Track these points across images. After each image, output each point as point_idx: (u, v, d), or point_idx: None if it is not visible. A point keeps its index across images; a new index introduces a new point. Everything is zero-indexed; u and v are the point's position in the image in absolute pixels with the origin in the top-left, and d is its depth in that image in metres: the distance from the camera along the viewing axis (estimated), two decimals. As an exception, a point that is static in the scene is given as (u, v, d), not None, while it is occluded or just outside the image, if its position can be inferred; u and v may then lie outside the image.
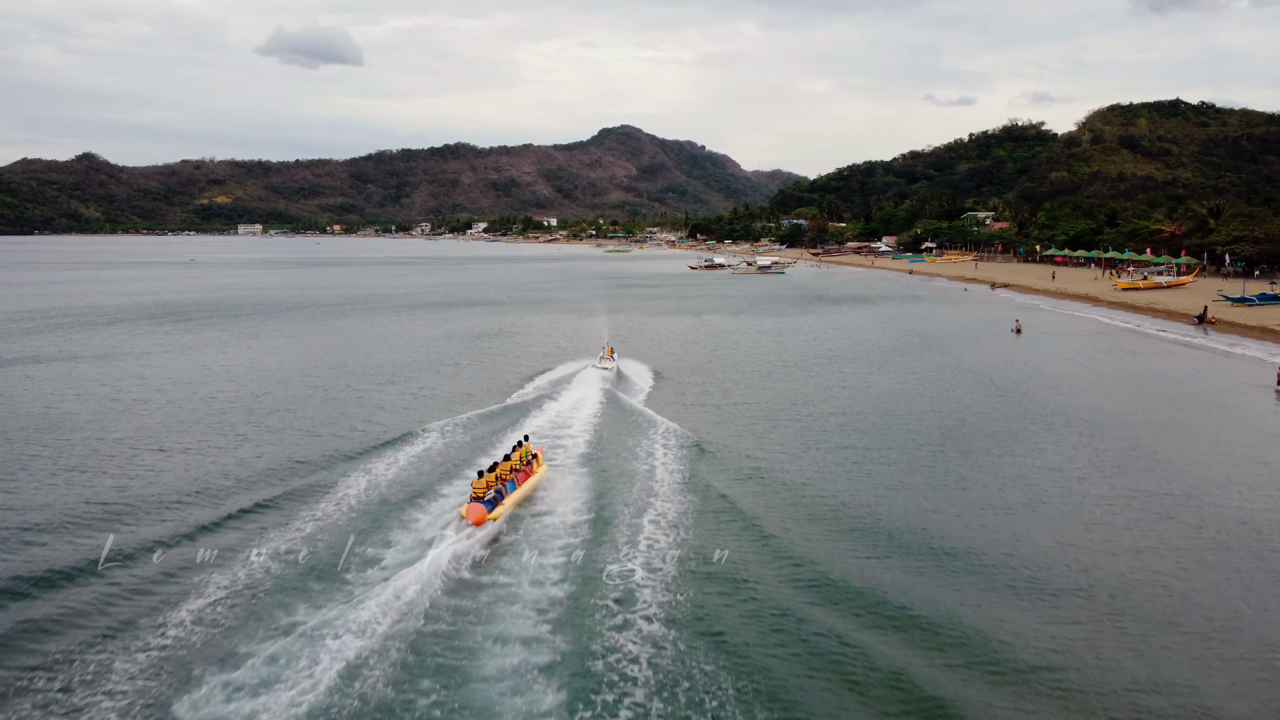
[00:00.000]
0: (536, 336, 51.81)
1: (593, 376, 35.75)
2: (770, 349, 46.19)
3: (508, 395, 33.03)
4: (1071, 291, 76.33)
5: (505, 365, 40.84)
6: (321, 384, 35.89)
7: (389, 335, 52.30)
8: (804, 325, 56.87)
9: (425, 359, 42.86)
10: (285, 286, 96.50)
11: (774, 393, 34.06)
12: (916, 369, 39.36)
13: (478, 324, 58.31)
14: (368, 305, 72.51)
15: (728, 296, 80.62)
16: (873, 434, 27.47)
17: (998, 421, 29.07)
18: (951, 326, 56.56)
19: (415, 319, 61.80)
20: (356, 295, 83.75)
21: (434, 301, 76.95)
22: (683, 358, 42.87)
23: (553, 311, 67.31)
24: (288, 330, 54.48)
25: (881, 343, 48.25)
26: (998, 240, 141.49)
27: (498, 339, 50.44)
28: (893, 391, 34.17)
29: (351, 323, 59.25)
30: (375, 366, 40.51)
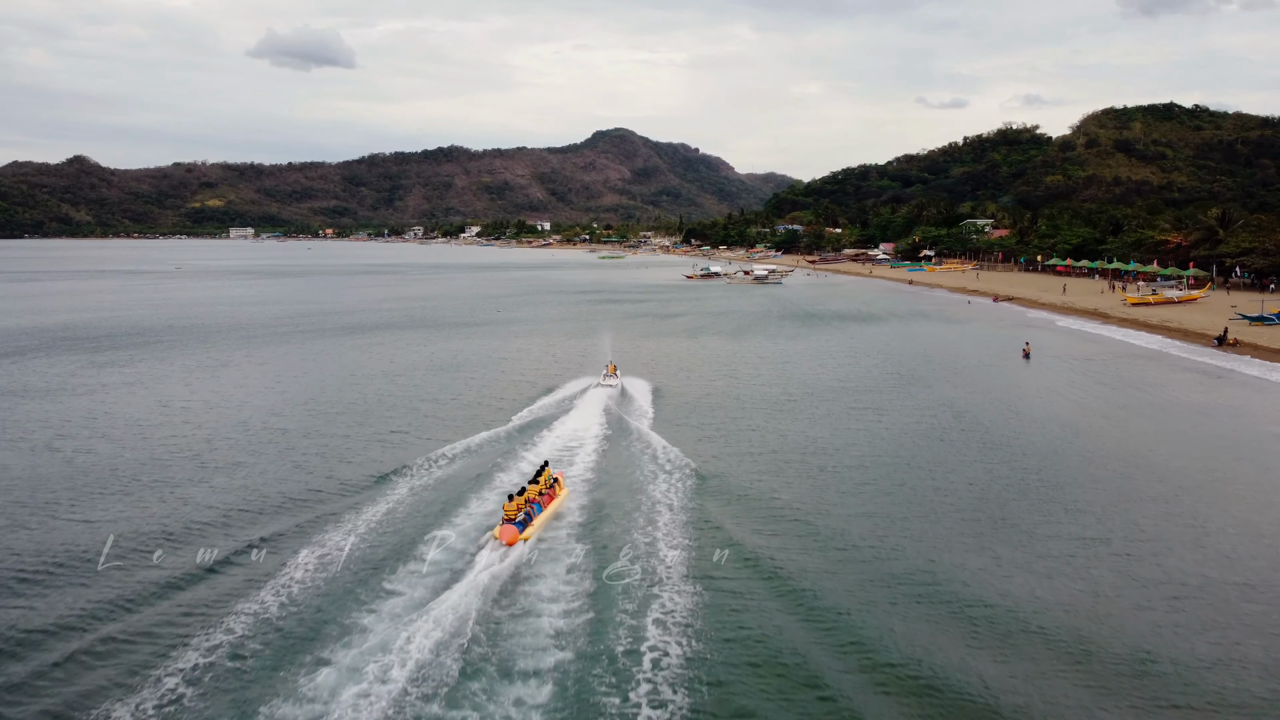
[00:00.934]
0: (539, 356, 50.93)
1: (598, 396, 36.57)
2: (773, 378, 43.07)
3: (513, 414, 33.95)
4: (1079, 306, 73.65)
5: (507, 386, 40.99)
6: (322, 411, 35.35)
7: (369, 361, 49.53)
8: (807, 349, 53.58)
9: (412, 386, 40.93)
10: (266, 301, 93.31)
11: (780, 432, 31.29)
12: (925, 403, 36.55)
13: (461, 346, 55.51)
14: (345, 326, 69.30)
15: (726, 313, 76.95)
16: (883, 483, 25.20)
17: (1015, 474, 26.27)
18: (958, 349, 53.54)
19: (394, 341, 58.72)
20: (333, 313, 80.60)
21: (399, 323, 73.83)
22: (681, 388, 39.94)
23: (528, 336, 61.33)
24: (259, 356, 51.45)
25: (887, 370, 45.28)
26: (997, 249, 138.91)
27: (483, 365, 47.62)
28: (902, 431, 31.44)
29: (330, 345, 56.18)
30: (370, 393, 39.19)
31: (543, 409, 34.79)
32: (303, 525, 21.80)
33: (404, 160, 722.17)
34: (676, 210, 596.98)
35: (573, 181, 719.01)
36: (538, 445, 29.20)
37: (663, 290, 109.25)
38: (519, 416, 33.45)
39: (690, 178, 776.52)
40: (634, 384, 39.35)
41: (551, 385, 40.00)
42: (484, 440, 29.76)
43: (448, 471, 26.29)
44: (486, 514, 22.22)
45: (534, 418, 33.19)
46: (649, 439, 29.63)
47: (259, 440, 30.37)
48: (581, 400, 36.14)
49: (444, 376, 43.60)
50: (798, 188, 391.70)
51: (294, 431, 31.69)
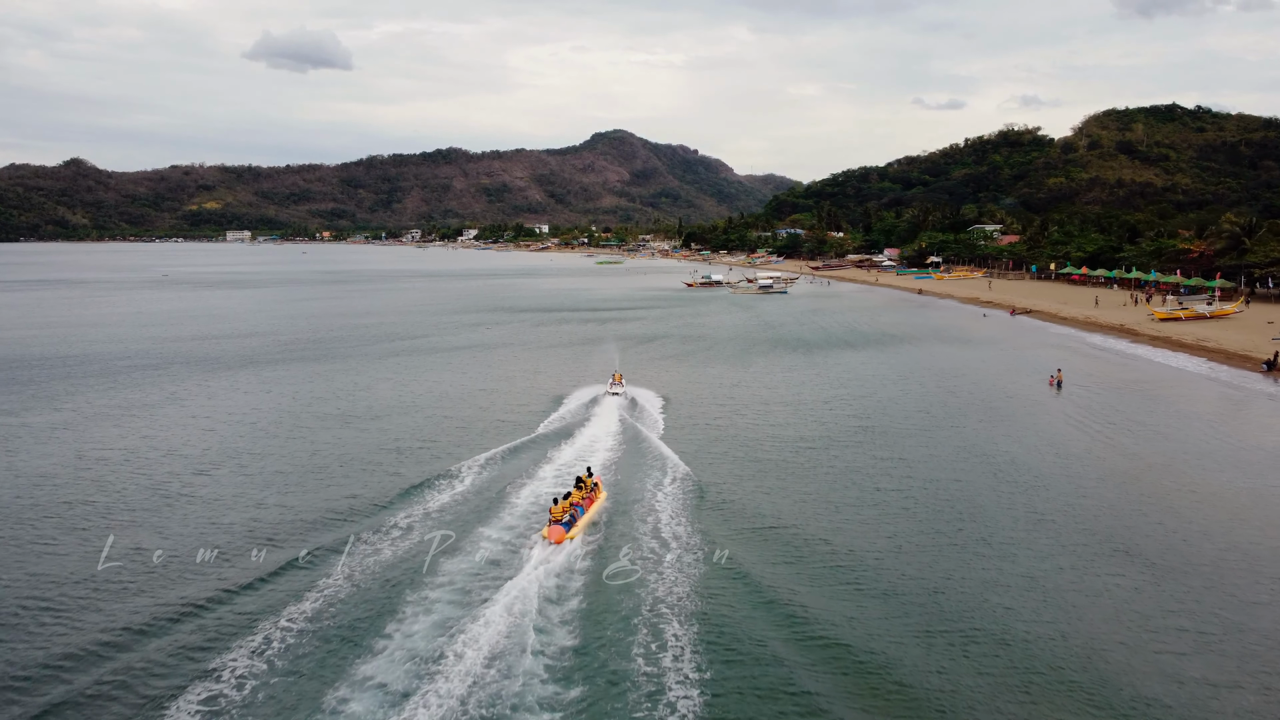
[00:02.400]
0: (547, 370, 48.78)
1: (610, 404, 38.55)
2: (784, 415, 38.79)
3: (537, 425, 35.67)
4: (1103, 322, 69.46)
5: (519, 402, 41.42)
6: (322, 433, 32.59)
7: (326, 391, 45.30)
8: (826, 379, 48.17)
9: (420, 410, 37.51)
10: (244, 316, 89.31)
11: (796, 492, 27.32)
12: (952, 448, 32.58)
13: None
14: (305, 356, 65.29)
15: (732, 339, 67.06)
16: (931, 555, 21.37)
17: (1079, 561, 22.21)
18: (981, 376, 48.96)
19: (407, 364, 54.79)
20: (312, 337, 76.44)
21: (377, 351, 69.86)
22: (684, 428, 35.96)
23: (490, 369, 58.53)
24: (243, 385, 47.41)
25: (909, 405, 40.54)
26: (1007, 255, 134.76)
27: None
28: (929, 484, 27.56)
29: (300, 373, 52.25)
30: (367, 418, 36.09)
31: (560, 419, 36.69)
32: (351, 529, 23.58)
33: (402, 162, 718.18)
34: (675, 212, 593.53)
35: (571, 183, 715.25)
36: (561, 453, 31.11)
37: (657, 302, 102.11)
38: (543, 425, 35.54)
39: (689, 179, 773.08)
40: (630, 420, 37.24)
41: (562, 394, 42.12)
42: (508, 450, 31.52)
43: (481, 479, 28.08)
44: (522, 516, 24.43)
45: (553, 428, 35.09)
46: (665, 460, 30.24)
47: (294, 458, 31.31)
48: (595, 410, 38.00)
49: (449, 396, 42.97)
50: (797, 190, 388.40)
51: (319, 449, 32.57)
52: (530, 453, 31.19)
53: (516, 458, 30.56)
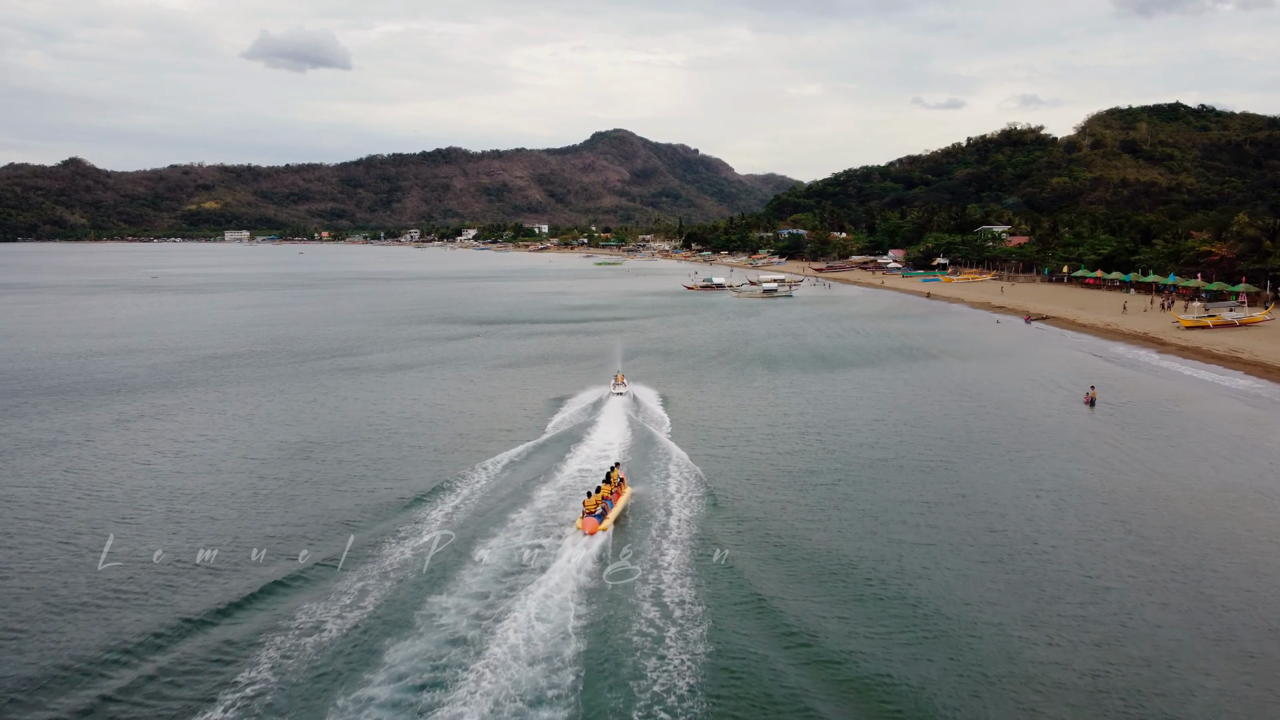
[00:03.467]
0: None
1: (617, 404, 39.61)
2: (799, 443, 35.24)
3: (546, 425, 36.61)
4: (1125, 330, 66.08)
5: None
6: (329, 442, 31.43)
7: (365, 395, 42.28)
8: (836, 399, 42.70)
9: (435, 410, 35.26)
10: (223, 327, 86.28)
11: (812, 544, 24.05)
12: (987, 480, 29.38)
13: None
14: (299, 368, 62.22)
15: (729, 352, 60.98)
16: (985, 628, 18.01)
17: (1131, 611, 19.20)
18: (1006, 393, 44.50)
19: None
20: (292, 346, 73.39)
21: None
22: (697, 457, 32.86)
23: None
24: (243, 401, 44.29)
25: (933, 430, 36.17)
26: (1015, 257, 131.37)
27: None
28: (973, 527, 24.35)
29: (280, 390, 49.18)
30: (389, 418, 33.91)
31: (570, 419, 37.57)
32: (364, 528, 24.35)
33: (402, 162, 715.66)
34: (676, 211, 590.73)
35: (571, 183, 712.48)
36: (573, 452, 32.02)
37: (654, 310, 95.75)
38: (551, 426, 36.47)
39: (689, 179, 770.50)
40: None
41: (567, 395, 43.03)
42: (525, 450, 32.25)
43: (501, 479, 28.70)
44: (545, 510, 25.52)
45: (564, 429, 35.77)
46: None
47: (306, 466, 31.36)
48: (602, 410, 38.97)
49: (456, 399, 42.72)
50: (799, 189, 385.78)
51: (328, 458, 32.39)
52: (545, 454, 31.90)
53: (530, 460, 31.26)
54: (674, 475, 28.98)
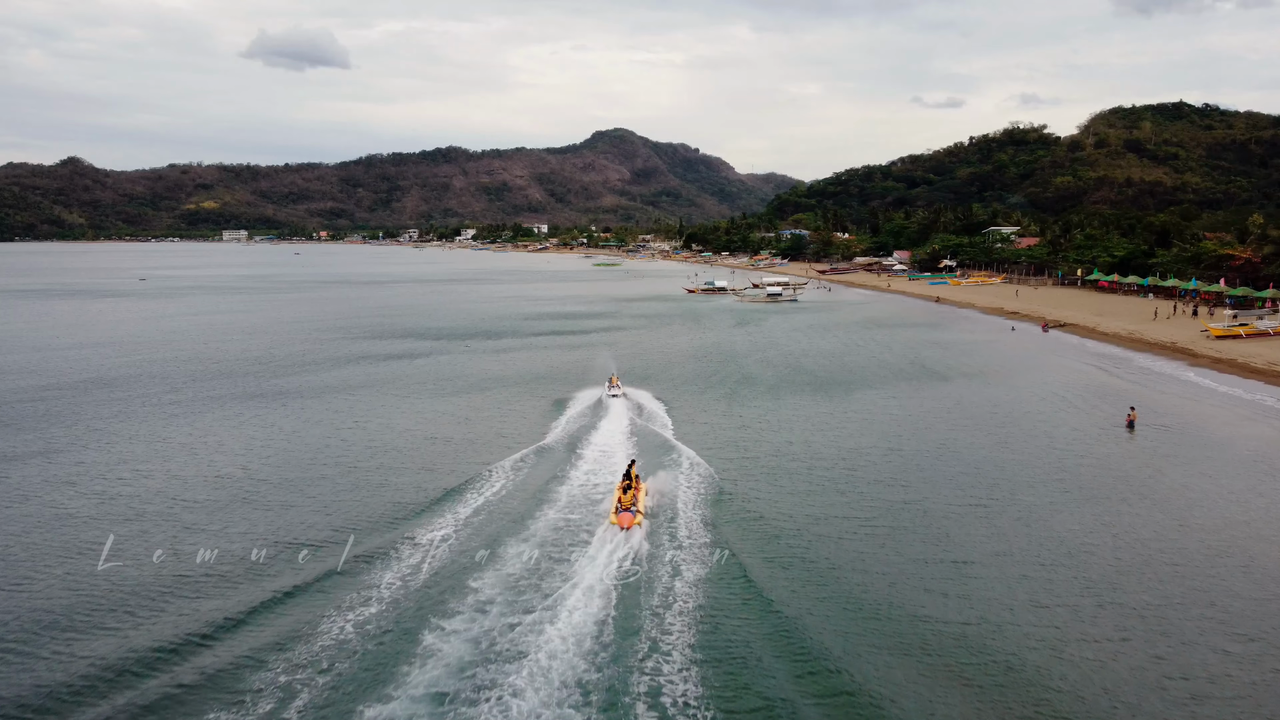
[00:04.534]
0: None
1: (617, 406, 40.28)
2: (804, 482, 31.51)
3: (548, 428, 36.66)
4: (1151, 339, 62.14)
5: None
6: None
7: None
8: (854, 429, 37.63)
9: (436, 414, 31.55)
10: (202, 338, 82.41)
11: (853, 604, 20.44)
12: (1028, 529, 25.71)
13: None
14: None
15: (736, 368, 54.95)
16: None
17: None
18: (1039, 418, 39.95)
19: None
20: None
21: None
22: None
23: None
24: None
25: (959, 466, 31.75)
26: (1025, 259, 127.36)
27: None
28: (1031, 620, 20.65)
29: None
30: None
31: (572, 421, 37.94)
32: (400, 530, 24.01)
33: (401, 161, 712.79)
34: (676, 211, 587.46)
35: (572, 182, 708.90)
36: (583, 450, 32.57)
37: (651, 317, 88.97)
38: (556, 427, 36.77)
39: (690, 178, 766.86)
40: None
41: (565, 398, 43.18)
42: (533, 451, 32.45)
43: (512, 480, 28.80)
44: (571, 508, 25.90)
45: (569, 431, 35.98)
46: None
47: (307, 467, 31.20)
48: (601, 410, 39.86)
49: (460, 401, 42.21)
50: (800, 189, 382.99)
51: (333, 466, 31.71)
52: (549, 458, 31.89)
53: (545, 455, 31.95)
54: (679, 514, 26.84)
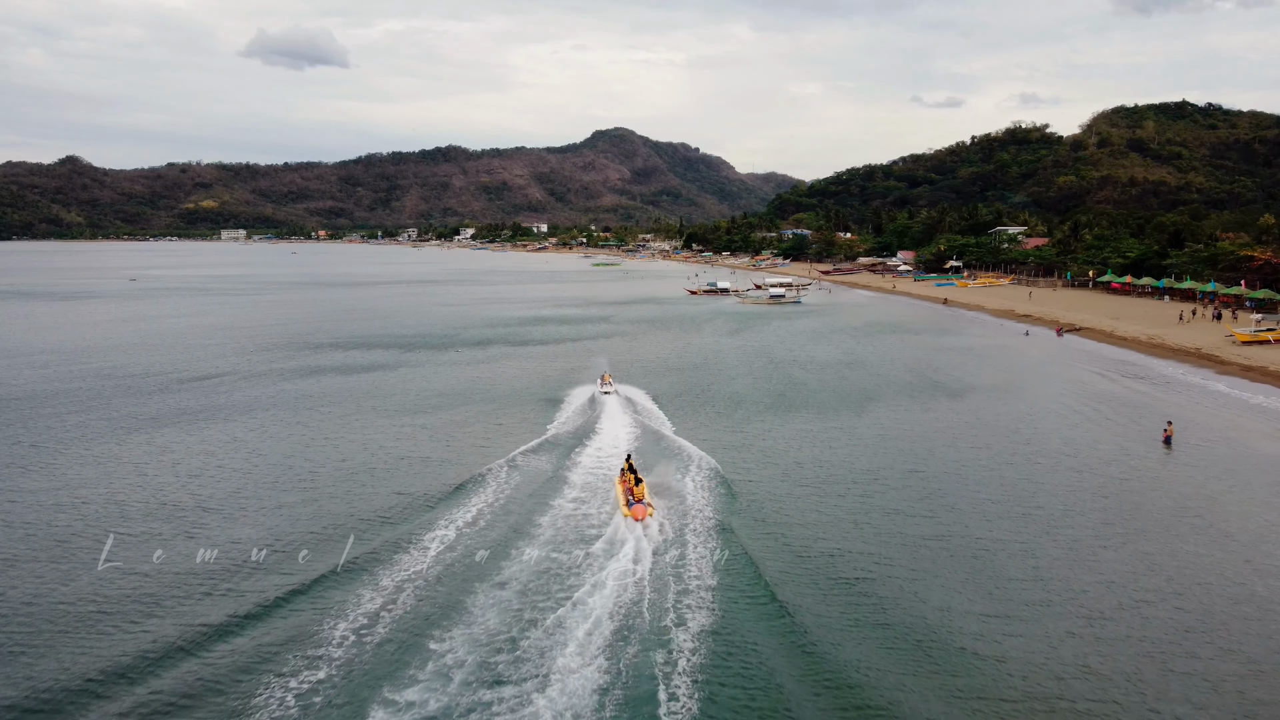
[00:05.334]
0: None
1: (611, 403, 40.99)
2: (827, 514, 28.37)
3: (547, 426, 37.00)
4: (1172, 345, 59.52)
5: None
6: None
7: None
8: (868, 449, 34.19)
9: None
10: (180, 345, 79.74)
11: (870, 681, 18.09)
12: (1086, 576, 23.20)
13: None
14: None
15: (740, 379, 52.30)
16: None
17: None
18: (1068, 434, 36.65)
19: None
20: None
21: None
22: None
23: None
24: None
25: (997, 492, 28.70)
26: (1033, 259, 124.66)
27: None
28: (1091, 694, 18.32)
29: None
30: None
31: (569, 418, 38.61)
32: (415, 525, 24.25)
33: (401, 160, 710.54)
34: (676, 210, 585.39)
35: (572, 181, 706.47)
36: (583, 446, 33.31)
37: (649, 321, 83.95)
38: (554, 424, 37.35)
39: (690, 177, 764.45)
40: None
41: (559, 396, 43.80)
42: (537, 445, 33.32)
43: (514, 480, 28.95)
44: (581, 501, 26.52)
45: (567, 427, 36.69)
46: None
47: (307, 468, 31.06)
48: (597, 406, 40.66)
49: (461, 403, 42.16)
50: (800, 188, 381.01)
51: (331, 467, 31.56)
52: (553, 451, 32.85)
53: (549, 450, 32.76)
54: None
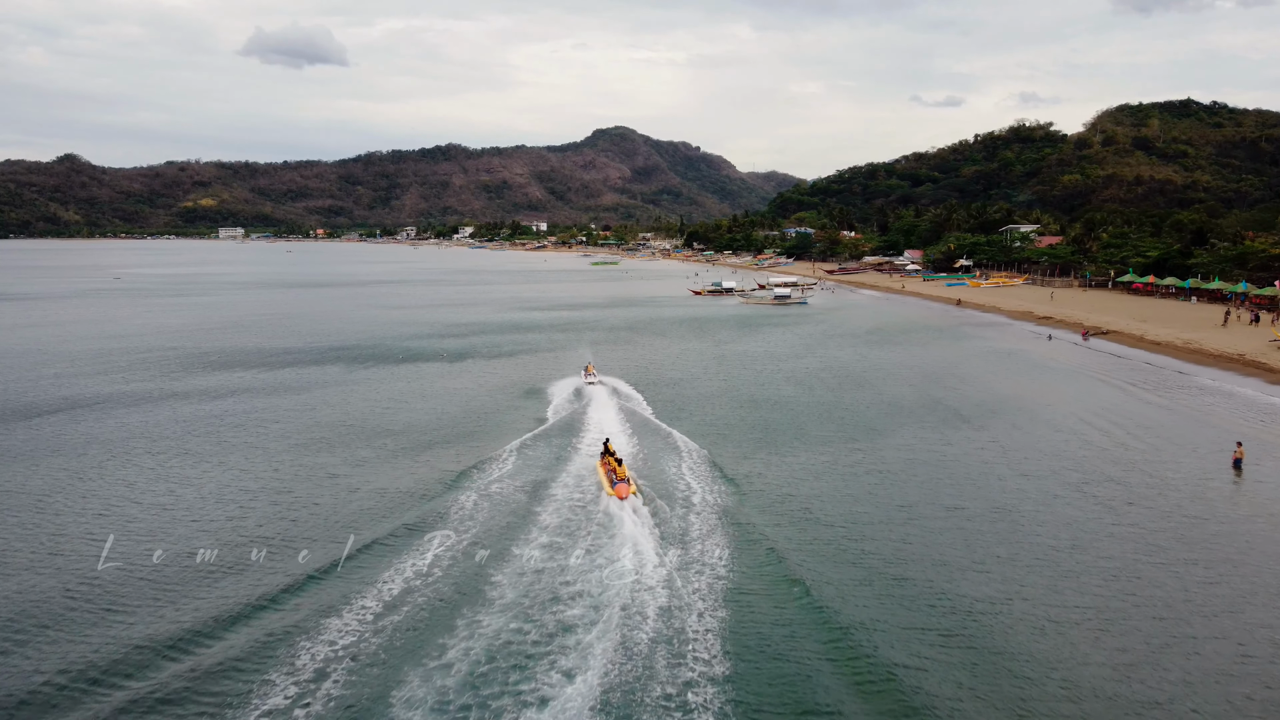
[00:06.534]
0: None
1: (600, 393, 41.54)
2: (882, 557, 24.31)
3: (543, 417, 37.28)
4: (1212, 350, 55.38)
5: None
6: None
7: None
8: (903, 482, 28.37)
9: None
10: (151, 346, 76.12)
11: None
12: (1189, 627, 19.84)
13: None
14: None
15: (745, 396, 50.02)
16: None
17: None
18: (1119, 452, 32.47)
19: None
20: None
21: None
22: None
23: None
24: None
25: (1055, 535, 23.98)
26: (1046, 258, 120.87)
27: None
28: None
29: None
30: None
31: (559, 409, 38.80)
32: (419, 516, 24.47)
33: (401, 159, 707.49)
34: (677, 209, 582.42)
35: (572, 180, 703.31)
36: (572, 434, 33.77)
37: (648, 325, 77.43)
38: (550, 414, 37.83)
39: (691, 176, 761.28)
40: None
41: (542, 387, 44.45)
42: (529, 438, 33.36)
43: (506, 469, 29.11)
44: (571, 488, 26.81)
45: (560, 416, 37.20)
46: None
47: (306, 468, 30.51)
48: (585, 396, 41.44)
49: None
50: (802, 187, 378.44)
51: None
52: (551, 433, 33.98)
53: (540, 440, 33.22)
54: None
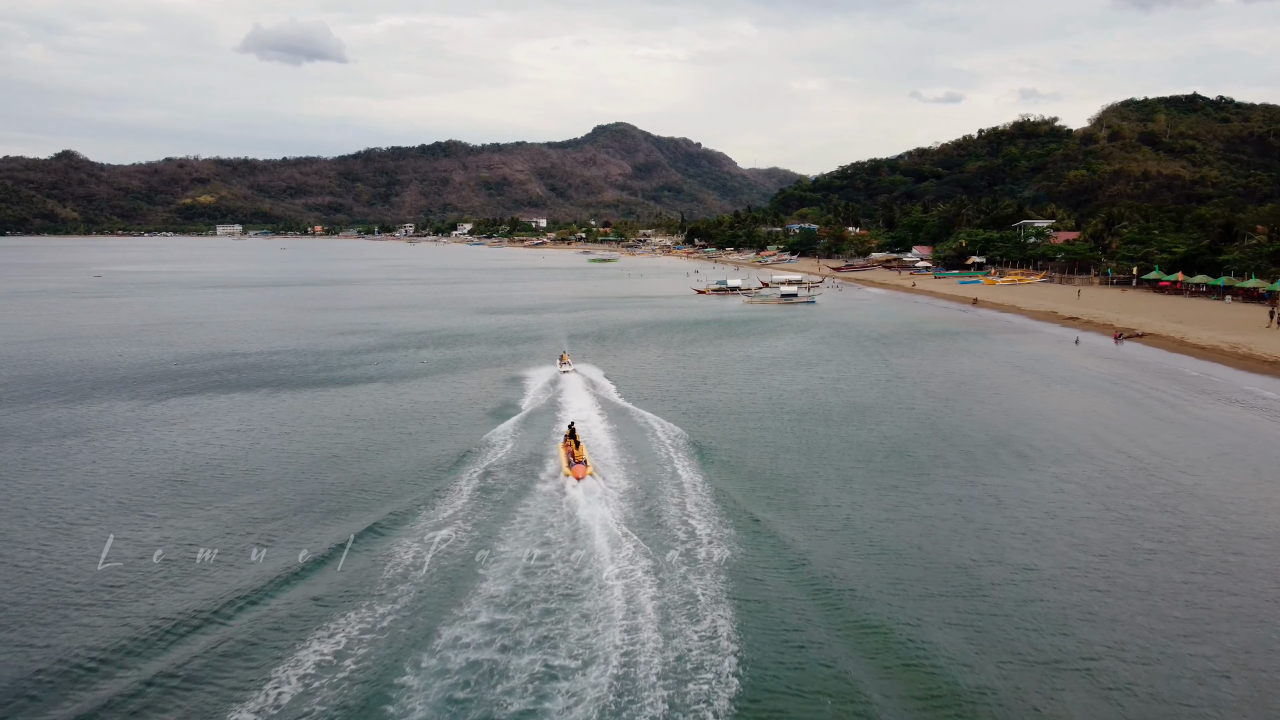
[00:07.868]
0: None
1: (574, 381, 42.80)
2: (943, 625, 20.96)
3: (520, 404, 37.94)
4: (1264, 355, 50.70)
5: None
6: None
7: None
8: (964, 531, 30.04)
9: None
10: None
11: None
12: None
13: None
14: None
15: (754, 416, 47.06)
16: None
17: None
18: (1200, 480, 27.64)
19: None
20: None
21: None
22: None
23: None
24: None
25: (1141, 604, 23.77)
26: (1063, 254, 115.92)
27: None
28: None
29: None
30: None
31: (535, 400, 38.75)
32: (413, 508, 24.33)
33: (401, 156, 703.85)
34: (678, 205, 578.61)
35: (573, 177, 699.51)
36: (549, 419, 34.58)
37: (647, 329, 70.11)
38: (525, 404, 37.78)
39: (692, 173, 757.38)
40: None
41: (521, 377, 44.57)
42: (511, 426, 33.53)
43: (494, 458, 28.97)
44: (548, 474, 26.74)
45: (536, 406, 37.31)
46: None
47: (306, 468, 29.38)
48: (559, 384, 41.78)
49: None
50: (804, 183, 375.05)
51: None
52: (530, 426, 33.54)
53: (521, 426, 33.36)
54: None
